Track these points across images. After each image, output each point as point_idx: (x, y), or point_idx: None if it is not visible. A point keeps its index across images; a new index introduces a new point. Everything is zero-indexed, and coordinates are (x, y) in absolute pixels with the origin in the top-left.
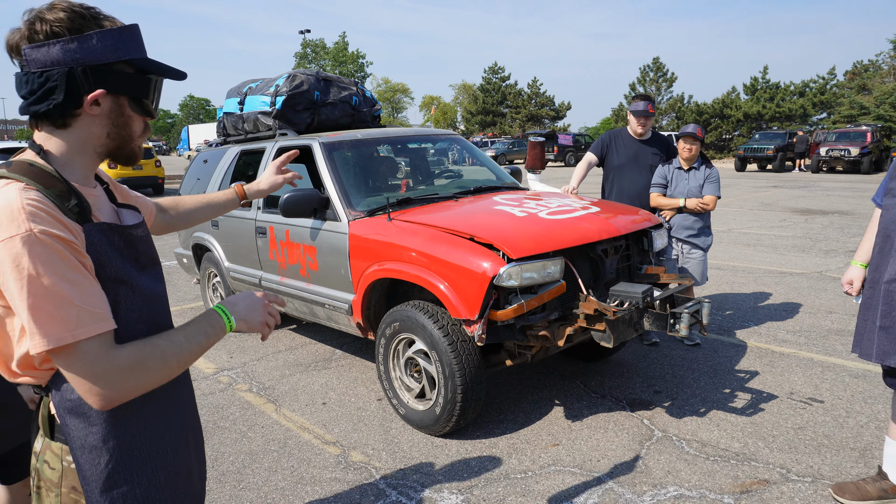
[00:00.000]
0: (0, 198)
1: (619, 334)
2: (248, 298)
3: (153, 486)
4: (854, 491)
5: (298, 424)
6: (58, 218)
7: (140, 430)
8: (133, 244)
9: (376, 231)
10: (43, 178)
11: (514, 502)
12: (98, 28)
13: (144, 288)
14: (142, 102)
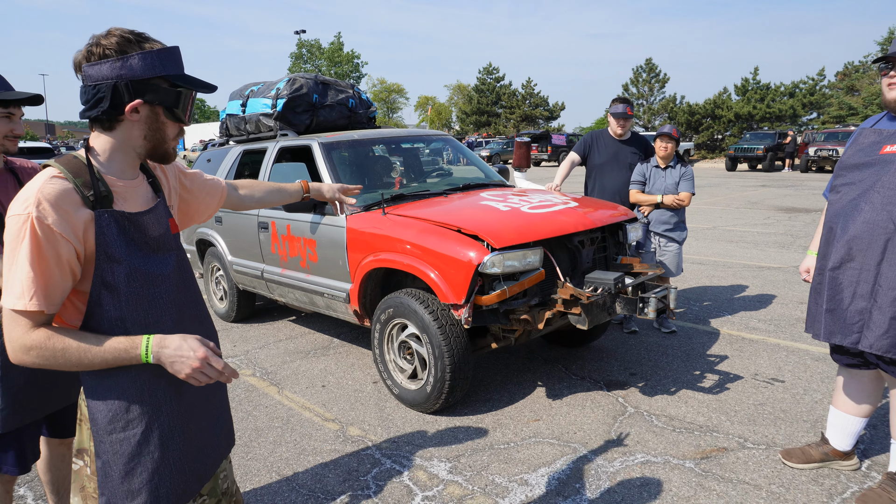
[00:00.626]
0: (35, 180)
1: (594, 317)
2: (183, 349)
3: (147, 437)
4: (800, 455)
5: (300, 404)
6: (63, 208)
7: (138, 389)
8: (141, 230)
9: (372, 225)
10: (76, 169)
11: (496, 468)
12: (140, 50)
13: (148, 269)
14: (174, 111)
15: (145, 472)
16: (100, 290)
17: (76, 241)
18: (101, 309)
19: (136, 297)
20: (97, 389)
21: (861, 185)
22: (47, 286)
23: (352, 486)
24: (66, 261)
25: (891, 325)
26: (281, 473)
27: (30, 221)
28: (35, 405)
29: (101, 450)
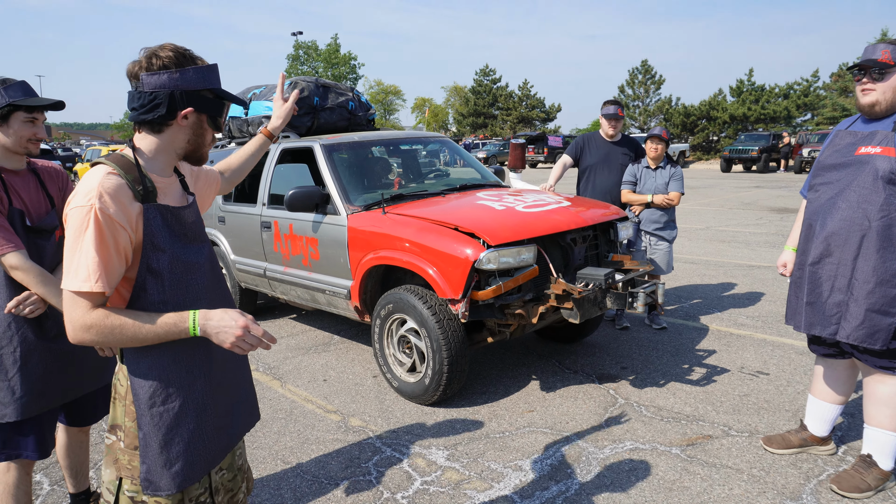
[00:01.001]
0: (92, 175)
1: (585, 312)
2: (225, 320)
3: (184, 409)
4: (780, 441)
5: (302, 397)
6: (120, 200)
7: (176, 366)
8: (181, 222)
9: (372, 223)
10: (126, 166)
11: (492, 455)
12: (193, 65)
13: (187, 258)
14: (216, 119)
15: (182, 442)
16: (145, 275)
17: (130, 230)
18: (146, 293)
19: (177, 283)
20: (139, 367)
21: (838, 185)
22: (108, 270)
23: (354, 473)
24: (122, 247)
25: (866, 316)
26: (286, 461)
27: (93, 212)
28: (53, 394)
29: (143, 422)
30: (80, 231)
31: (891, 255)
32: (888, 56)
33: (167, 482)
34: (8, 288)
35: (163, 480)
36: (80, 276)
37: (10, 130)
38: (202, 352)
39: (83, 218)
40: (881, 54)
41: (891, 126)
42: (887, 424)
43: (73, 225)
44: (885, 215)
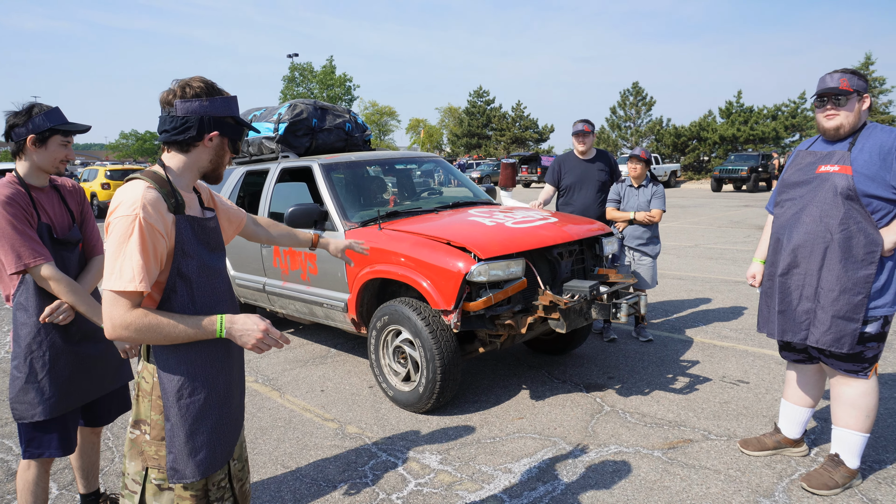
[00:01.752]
0: (133, 188)
1: (571, 322)
2: (248, 324)
3: (208, 401)
4: (755, 444)
5: (301, 407)
6: (159, 211)
7: (202, 361)
8: (206, 232)
9: (368, 239)
10: (160, 181)
11: (483, 459)
12: (220, 95)
13: (211, 264)
14: (236, 143)
15: (206, 432)
16: (175, 279)
17: (166, 237)
18: (176, 295)
19: (204, 286)
20: (168, 363)
21: (802, 201)
22: (149, 271)
23: (351, 476)
24: (159, 253)
25: (833, 322)
26: (285, 466)
27: (138, 220)
28: (78, 394)
29: (171, 413)
30: (125, 237)
31: (852, 265)
32: (846, 84)
33: (192, 470)
34: (38, 297)
35: (188, 468)
36: (126, 277)
37: (47, 152)
38: (224, 350)
39: (129, 225)
40: (840, 82)
41: (846, 146)
42: (853, 424)
43: (118, 231)
44: (845, 228)
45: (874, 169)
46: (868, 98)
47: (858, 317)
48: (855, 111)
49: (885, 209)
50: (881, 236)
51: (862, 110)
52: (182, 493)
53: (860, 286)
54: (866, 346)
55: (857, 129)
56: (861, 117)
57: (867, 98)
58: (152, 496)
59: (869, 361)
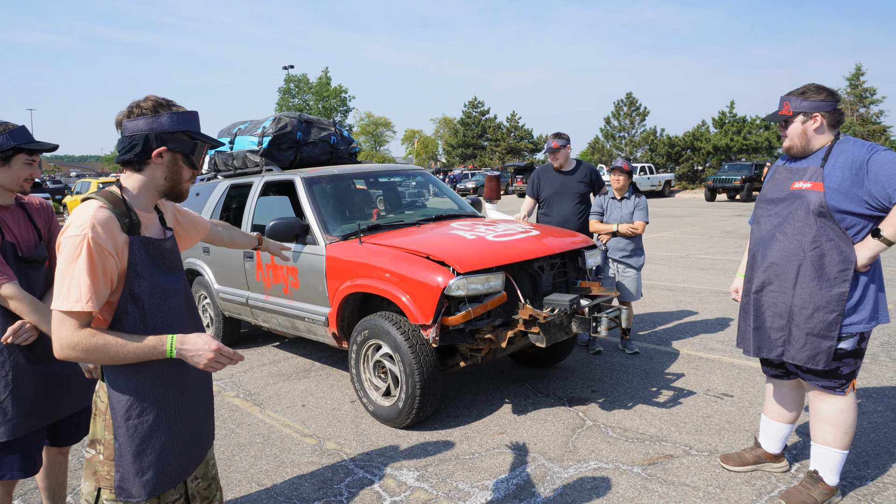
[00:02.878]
0: (85, 208)
1: (551, 336)
2: (199, 343)
3: (158, 421)
4: (736, 459)
5: (280, 422)
6: (110, 231)
7: (153, 382)
8: (162, 253)
9: (349, 253)
10: (114, 201)
11: (461, 476)
12: (168, 111)
13: (165, 285)
14: (190, 158)
15: (154, 452)
16: (127, 300)
17: (117, 258)
18: (127, 315)
19: (156, 307)
20: (118, 381)
21: (777, 217)
22: (97, 292)
23: (325, 494)
24: (109, 273)
25: (807, 340)
26: (261, 483)
27: (86, 240)
28: (41, 414)
29: (119, 433)
30: (73, 257)
31: (825, 283)
32: (788, 108)
33: (138, 489)
34: (1, 317)
35: (135, 488)
36: (73, 297)
37: (10, 171)
38: (176, 370)
39: (77, 245)
40: (783, 106)
41: (819, 162)
42: (831, 441)
43: (67, 251)
44: (818, 246)
45: (846, 184)
46: (818, 116)
47: (833, 334)
48: (799, 132)
49: (860, 224)
50: (855, 253)
51: (811, 129)
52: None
53: (834, 304)
54: (842, 362)
55: (830, 144)
56: (810, 136)
57: (817, 117)
58: None
59: (846, 378)
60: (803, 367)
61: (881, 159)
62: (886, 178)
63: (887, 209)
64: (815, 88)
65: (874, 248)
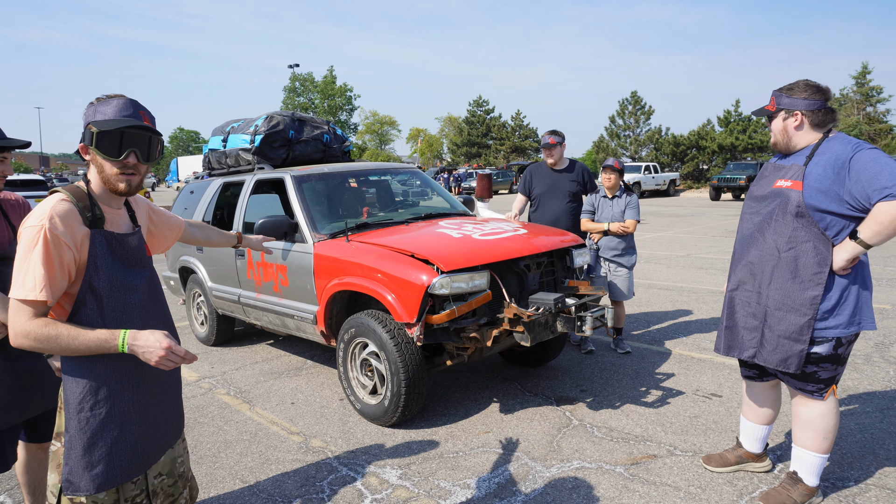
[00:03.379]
0: (47, 200)
1: (536, 335)
2: (150, 340)
3: (111, 416)
4: (718, 459)
5: (269, 420)
6: (68, 224)
7: (107, 375)
8: (125, 248)
9: (336, 251)
10: (78, 195)
11: (443, 474)
12: (91, 104)
13: (126, 280)
14: (99, 149)
15: (104, 447)
16: (86, 292)
17: (75, 250)
18: (85, 308)
19: (115, 301)
20: (72, 372)
21: (759, 216)
22: (52, 282)
23: (308, 491)
24: (66, 264)
25: (779, 342)
26: (244, 481)
27: (43, 231)
28: (16, 410)
29: (70, 425)
30: (30, 247)
31: (798, 285)
32: (773, 102)
33: (87, 483)
34: None
35: (83, 481)
36: (27, 286)
37: None
38: (133, 365)
39: (34, 236)
40: (770, 101)
41: (804, 160)
42: (810, 445)
43: (24, 241)
44: (792, 247)
45: (827, 183)
46: (798, 114)
47: (804, 338)
48: (780, 129)
49: (840, 225)
50: (831, 256)
51: (792, 126)
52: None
53: (806, 307)
54: (819, 367)
55: (818, 142)
56: (791, 134)
57: (797, 114)
58: None
59: (824, 383)
60: (779, 370)
61: (864, 157)
62: (868, 177)
63: (867, 210)
64: (802, 86)
65: (851, 250)
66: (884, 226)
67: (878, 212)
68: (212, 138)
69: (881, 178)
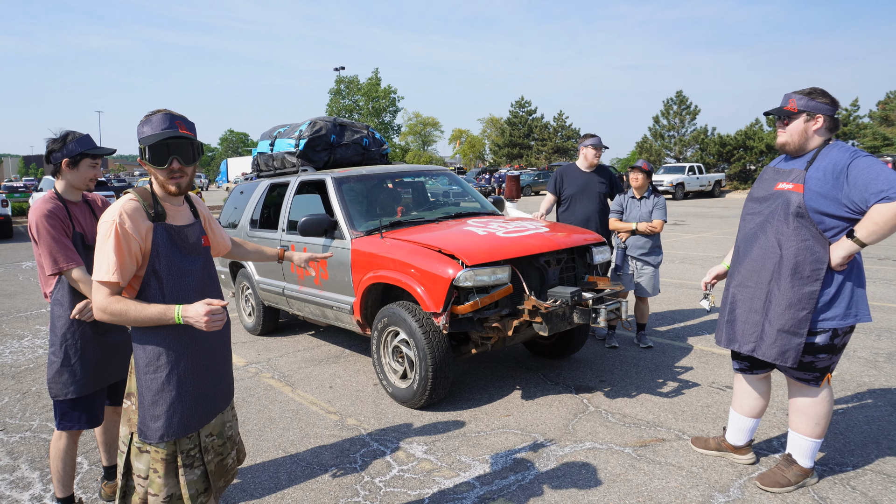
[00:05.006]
0: (121, 200)
1: (553, 325)
2: (196, 309)
3: (169, 378)
4: (702, 443)
5: (309, 401)
6: (135, 219)
7: (167, 344)
8: (183, 238)
9: (371, 246)
10: (144, 195)
11: (465, 450)
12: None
13: (183, 265)
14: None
15: (164, 404)
16: (150, 275)
17: (141, 240)
18: (150, 288)
19: (173, 284)
20: (141, 341)
21: (760, 216)
22: (122, 267)
23: (342, 461)
24: (133, 252)
25: (778, 336)
26: (286, 451)
27: (115, 226)
28: (104, 376)
29: (140, 384)
30: (105, 238)
31: (798, 281)
32: (794, 104)
33: (152, 433)
34: (71, 295)
35: (149, 431)
36: (102, 270)
37: (79, 172)
38: (188, 338)
39: (108, 229)
40: (789, 103)
41: (805, 165)
42: (804, 430)
43: (101, 233)
44: (793, 245)
45: (827, 187)
46: (821, 118)
47: (802, 331)
48: (800, 130)
49: (838, 227)
50: (828, 254)
51: (812, 130)
52: (155, 456)
53: (805, 302)
54: (816, 357)
55: (818, 148)
56: (809, 136)
57: (819, 118)
58: (135, 457)
59: (820, 371)
60: (777, 363)
61: (860, 164)
62: (864, 182)
63: (863, 213)
64: (820, 92)
65: (848, 248)
66: (879, 226)
67: (874, 213)
68: (260, 142)
69: (877, 183)
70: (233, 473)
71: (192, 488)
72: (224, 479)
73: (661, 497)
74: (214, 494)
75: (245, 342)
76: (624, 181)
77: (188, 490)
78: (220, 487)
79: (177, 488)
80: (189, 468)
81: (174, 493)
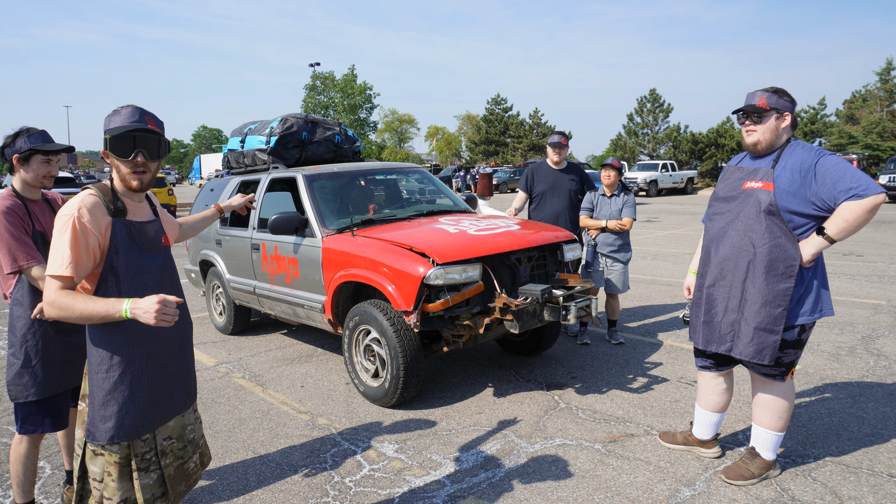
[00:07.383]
0: (80, 194)
1: (524, 323)
2: (146, 303)
3: (122, 378)
4: (669, 437)
5: (280, 400)
6: (94, 213)
7: (121, 344)
8: (143, 234)
9: (342, 245)
10: (104, 190)
11: (436, 449)
12: (112, 114)
13: (141, 263)
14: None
15: (116, 404)
16: (107, 272)
17: (100, 236)
18: (106, 284)
19: (131, 281)
20: (94, 341)
21: (729, 215)
22: (77, 262)
23: (312, 461)
24: (91, 248)
25: (755, 334)
26: (256, 452)
27: (73, 220)
28: (68, 377)
29: (91, 383)
30: (62, 231)
31: (773, 278)
32: (764, 101)
33: (101, 434)
34: (32, 294)
35: (98, 432)
36: (56, 263)
37: (31, 169)
38: (144, 337)
39: (66, 223)
40: (759, 100)
41: (770, 163)
42: (766, 423)
43: (58, 227)
44: (766, 243)
45: (795, 186)
46: (788, 116)
47: (779, 328)
48: (772, 128)
49: (807, 224)
50: (799, 251)
51: (781, 127)
52: (109, 459)
53: (780, 299)
54: (783, 352)
55: (781, 146)
56: (780, 134)
57: (787, 116)
58: (89, 460)
59: (786, 366)
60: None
61: (827, 163)
62: (832, 180)
63: (831, 210)
64: (783, 90)
65: (818, 244)
66: (849, 222)
67: (844, 210)
68: (231, 139)
69: (845, 181)
70: (195, 478)
71: (148, 493)
72: (185, 484)
73: (629, 491)
74: (173, 499)
75: (216, 342)
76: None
77: (143, 495)
78: (181, 492)
79: (132, 492)
80: (144, 472)
81: (129, 498)
